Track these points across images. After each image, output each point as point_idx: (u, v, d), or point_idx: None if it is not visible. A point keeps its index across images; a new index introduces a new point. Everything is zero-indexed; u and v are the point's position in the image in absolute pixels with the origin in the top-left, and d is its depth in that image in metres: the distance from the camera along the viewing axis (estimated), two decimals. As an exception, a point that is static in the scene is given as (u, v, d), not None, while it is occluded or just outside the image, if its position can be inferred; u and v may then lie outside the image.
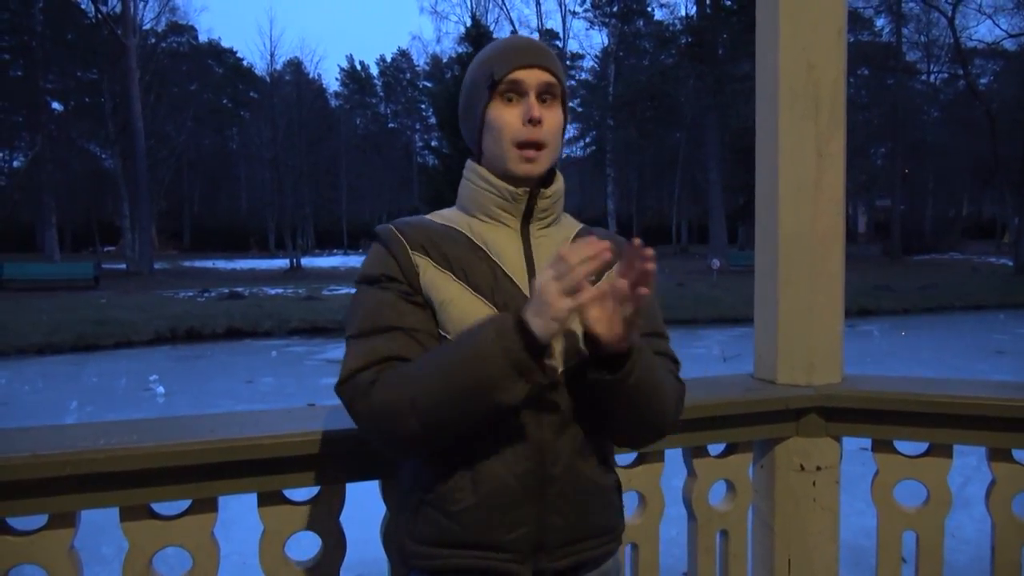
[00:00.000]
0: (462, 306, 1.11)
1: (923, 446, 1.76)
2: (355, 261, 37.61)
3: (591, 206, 45.66)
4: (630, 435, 1.21)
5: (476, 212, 1.20)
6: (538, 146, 1.14)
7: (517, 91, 1.15)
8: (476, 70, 1.20)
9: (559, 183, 1.22)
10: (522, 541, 1.10)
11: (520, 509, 1.09)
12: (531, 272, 1.16)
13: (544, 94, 1.16)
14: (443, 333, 1.12)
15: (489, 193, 1.18)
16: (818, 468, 1.77)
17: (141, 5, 33.41)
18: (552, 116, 1.16)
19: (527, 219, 1.19)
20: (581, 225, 1.29)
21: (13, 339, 13.24)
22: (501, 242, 1.17)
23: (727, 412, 1.70)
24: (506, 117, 1.15)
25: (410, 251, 1.14)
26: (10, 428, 1.39)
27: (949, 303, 19.82)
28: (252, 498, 1.41)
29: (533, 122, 1.13)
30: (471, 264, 1.14)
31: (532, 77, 1.15)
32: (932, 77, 42.66)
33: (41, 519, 1.30)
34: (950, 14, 31.47)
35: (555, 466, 1.10)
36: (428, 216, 1.24)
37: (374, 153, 52.70)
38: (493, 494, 1.09)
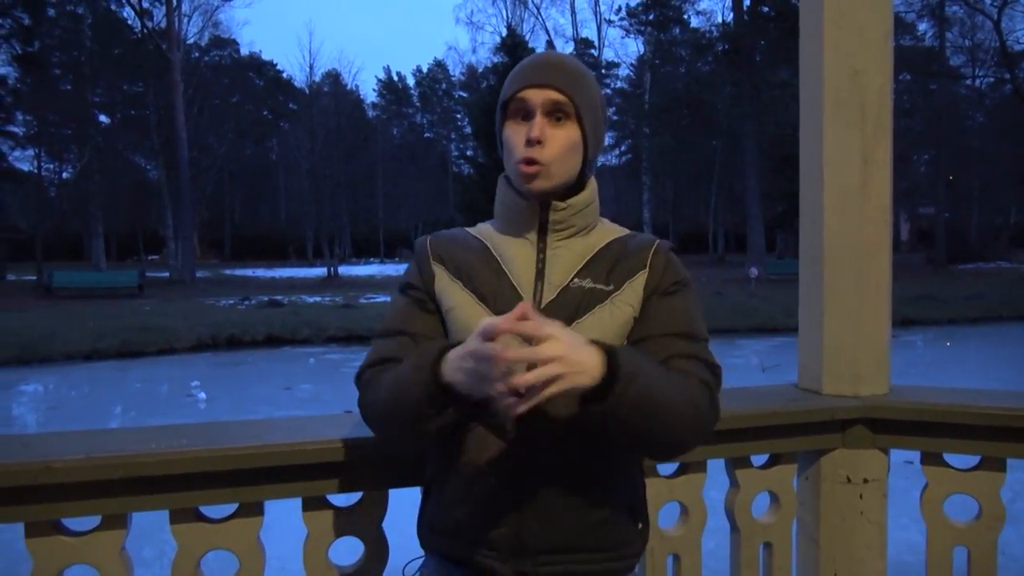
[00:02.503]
0: (464, 314, 1.16)
1: (974, 459, 1.71)
2: (391, 270, 37.97)
3: (627, 215, 45.46)
4: (641, 452, 1.23)
5: (500, 224, 1.25)
6: (538, 163, 1.14)
7: (524, 110, 1.16)
8: (502, 91, 1.23)
9: (584, 195, 1.20)
10: (502, 541, 1.14)
11: (500, 510, 1.14)
12: (539, 282, 1.17)
13: (555, 112, 1.14)
14: (450, 337, 1.19)
15: (506, 207, 1.22)
16: (865, 481, 1.73)
17: (185, 20, 34.35)
18: (559, 135, 1.14)
19: (544, 231, 1.20)
20: (620, 233, 1.25)
21: (61, 345, 13.62)
22: (514, 253, 1.20)
23: (771, 422, 1.68)
24: (513, 137, 1.16)
25: (431, 261, 1.23)
26: (64, 431, 1.43)
27: (996, 313, 19.28)
28: (290, 502, 1.43)
29: (530, 142, 1.13)
30: (480, 274, 1.19)
31: (537, 96, 1.14)
32: (977, 82, 41.70)
33: (94, 520, 1.33)
34: (996, 17, 30.77)
35: (533, 475, 1.12)
36: (468, 228, 1.30)
37: (410, 163, 53.21)
38: (478, 492, 1.14)
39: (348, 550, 1.49)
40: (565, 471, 1.13)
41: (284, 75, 55.31)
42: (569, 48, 43.54)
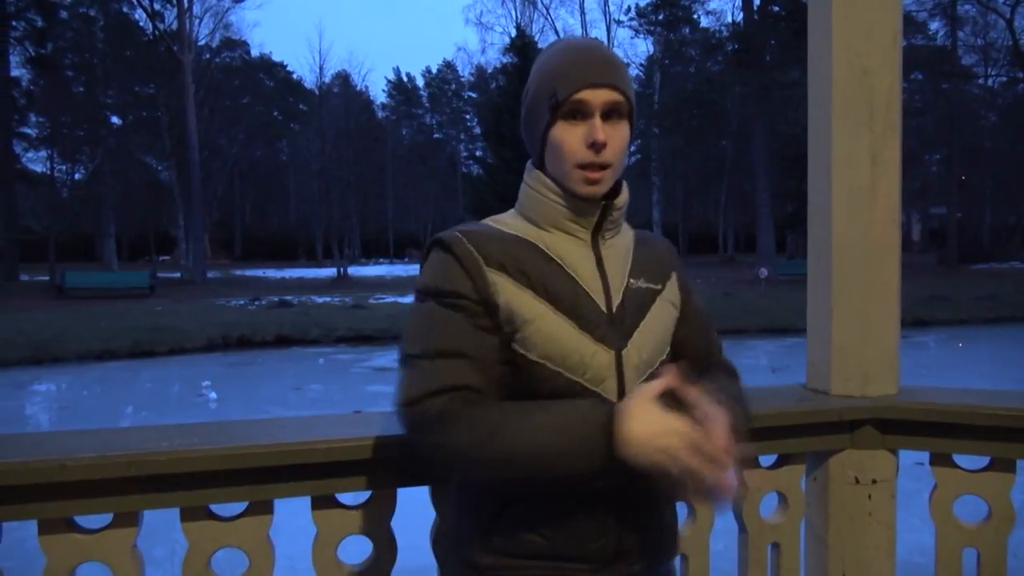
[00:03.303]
0: (547, 325, 1.08)
1: (984, 460, 1.71)
2: (401, 270, 38.01)
3: (636, 215, 45.33)
4: None
5: (545, 224, 1.16)
6: (602, 167, 1.10)
7: (581, 111, 1.09)
8: (540, 81, 1.13)
9: (626, 193, 1.20)
10: (603, 551, 1.12)
11: (602, 520, 1.11)
12: (605, 285, 1.14)
13: (612, 113, 1.10)
14: (522, 351, 1.08)
15: (560, 206, 1.15)
16: (874, 481, 1.73)
17: (196, 22, 34.53)
18: (617, 135, 1.11)
19: (596, 230, 1.17)
20: (633, 230, 1.29)
21: (74, 345, 13.72)
22: (576, 255, 1.15)
23: (779, 423, 1.67)
24: (569, 140, 1.10)
25: (485, 268, 1.08)
26: (78, 430, 1.45)
27: (1010, 314, 19.11)
28: (298, 502, 1.44)
29: (596, 147, 1.08)
30: (550, 279, 1.11)
31: (598, 97, 1.08)
32: (990, 80, 41.40)
33: (106, 518, 1.34)
34: (1009, 15, 30.53)
35: (634, 478, 1.08)
36: (491, 223, 1.19)
37: (419, 163, 53.34)
38: (576, 507, 1.10)
39: (357, 549, 1.50)
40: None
41: (294, 76, 55.61)
42: (578, 48, 43.30)
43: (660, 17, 40.76)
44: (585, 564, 1.10)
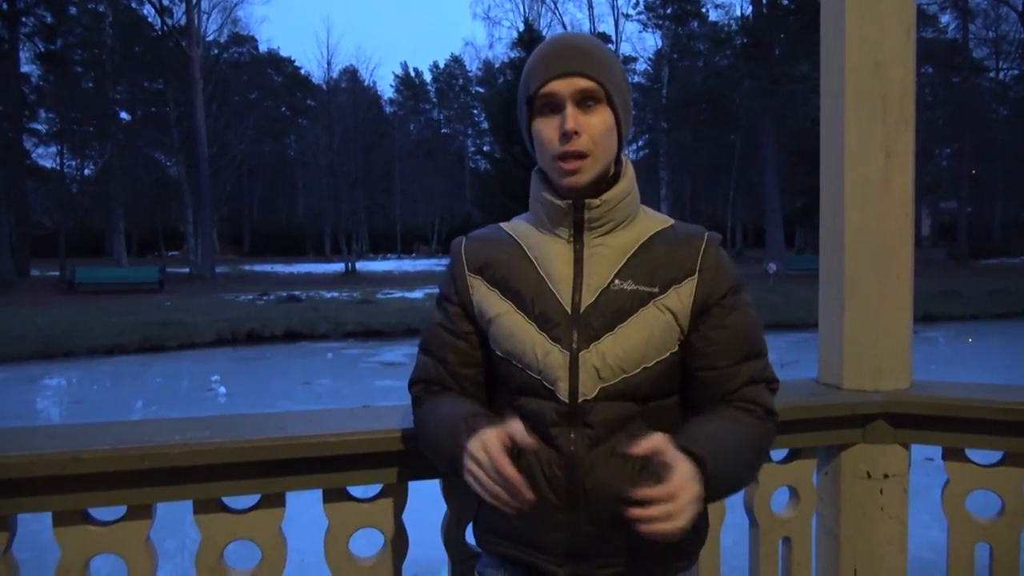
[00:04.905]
0: (506, 323, 1.16)
1: (997, 455, 1.70)
2: (408, 265, 38.09)
3: (644, 210, 45.10)
4: None
5: (535, 223, 1.21)
6: (578, 156, 1.10)
7: (552, 103, 1.11)
8: (521, 83, 1.18)
9: (620, 187, 1.16)
10: (557, 544, 1.13)
11: (554, 514, 1.12)
12: (577, 284, 1.13)
13: (585, 100, 1.10)
14: (492, 346, 1.19)
15: (541, 205, 1.19)
16: (885, 476, 1.72)
17: (205, 17, 34.48)
18: (595, 122, 1.11)
19: (580, 228, 1.16)
20: (662, 225, 1.20)
21: (84, 340, 13.79)
22: (552, 254, 1.17)
23: (791, 417, 1.66)
24: (546, 132, 1.12)
25: (467, 273, 1.21)
26: (91, 423, 1.45)
27: (1020, 309, 18.97)
28: (309, 495, 1.44)
29: (567, 135, 1.09)
30: (519, 279, 1.17)
31: (566, 87, 1.10)
32: (1001, 74, 41.04)
33: (120, 510, 1.35)
34: (1021, 8, 30.26)
35: (586, 479, 1.11)
36: (503, 224, 1.27)
37: (427, 158, 53.32)
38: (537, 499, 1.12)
39: (368, 542, 1.50)
40: (620, 473, 1.11)
41: (302, 72, 55.57)
42: (586, 43, 43.16)
43: (668, 11, 40.49)
44: (546, 554, 1.14)
